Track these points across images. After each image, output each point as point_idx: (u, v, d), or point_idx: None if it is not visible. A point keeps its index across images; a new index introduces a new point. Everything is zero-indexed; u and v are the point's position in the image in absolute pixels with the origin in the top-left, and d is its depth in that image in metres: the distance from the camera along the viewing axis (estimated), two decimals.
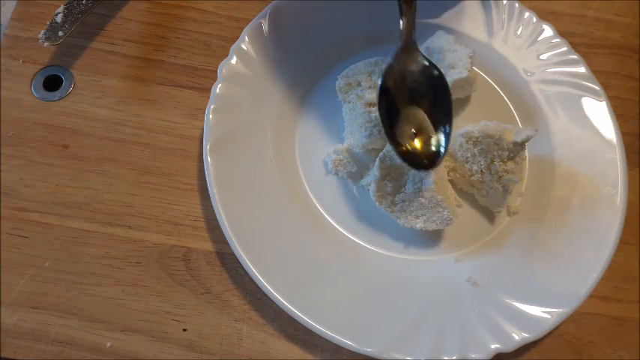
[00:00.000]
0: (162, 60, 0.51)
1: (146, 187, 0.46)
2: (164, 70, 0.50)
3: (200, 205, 0.46)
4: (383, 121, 0.40)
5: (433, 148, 0.40)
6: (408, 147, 0.39)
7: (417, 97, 0.41)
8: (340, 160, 0.46)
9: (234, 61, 0.47)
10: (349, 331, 0.40)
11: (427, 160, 0.40)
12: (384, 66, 0.42)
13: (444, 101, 0.40)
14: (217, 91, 0.46)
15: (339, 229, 0.45)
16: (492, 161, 0.43)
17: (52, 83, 0.49)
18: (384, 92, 0.40)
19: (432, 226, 0.43)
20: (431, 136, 0.40)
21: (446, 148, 0.40)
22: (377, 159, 0.43)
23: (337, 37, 0.51)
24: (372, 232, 0.45)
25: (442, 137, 0.40)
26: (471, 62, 0.46)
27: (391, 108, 0.40)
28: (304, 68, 0.49)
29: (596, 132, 0.48)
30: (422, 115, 0.41)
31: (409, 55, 0.42)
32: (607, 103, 0.49)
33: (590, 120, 0.49)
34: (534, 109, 0.50)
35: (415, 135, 0.40)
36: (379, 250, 0.45)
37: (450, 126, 0.40)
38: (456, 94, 0.49)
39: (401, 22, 0.42)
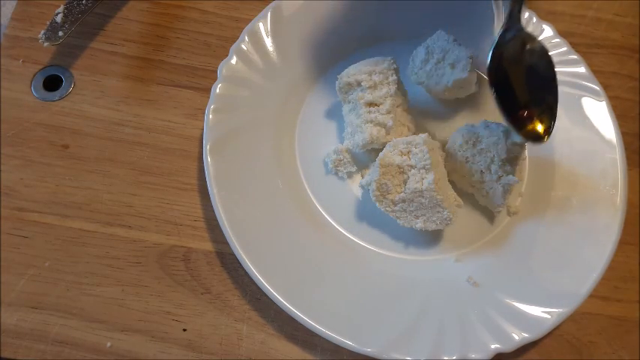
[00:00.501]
0: (162, 60, 0.51)
1: (146, 187, 0.46)
2: (164, 70, 0.50)
3: (200, 205, 0.46)
4: (496, 98, 0.40)
5: (545, 121, 0.41)
6: (527, 125, 0.41)
7: (524, 73, 0.42)
8: (340, 160, 0.46)
9: (234, 61, 0.47)
10: (349, 331, 0.40)
11: (543, 132, 0.41)
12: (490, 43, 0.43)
13: (549, 74, 0.42)
14: (217, 91, 0.46)
15: (339, 229, 0.45)
16: (492, 161, 0.43)
17: (52, 83, 0.49)
18: (493, 71, 0.41)
19: (431, 226, 0.43)
20: (540, 109, 0.41)
21: (554, 118, 0.41)
22: (377, 159, 0.43)
23: (337, 37, 0.51)
24: (372, 232, 0.45)
25: (551, 109, 0.41)
26: (471, 62, 0.46)
27: (502, 84, 0.41)
28: (304, 68, 0.49)
29: (596, 132, 0.48)
30: (529, 88, 0.42)
31: (514, 29, 0.43)
32: (607, 103, 0.49)
33: (590, 120, 0.49)
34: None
35: (526, 108, 0.41)
36: (379, 250, 0.45)
37: (556, 95, 0.42)
38: (456, 94, 0.49)
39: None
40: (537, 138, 0.41)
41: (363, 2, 0.51)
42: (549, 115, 0.41)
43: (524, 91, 0.42)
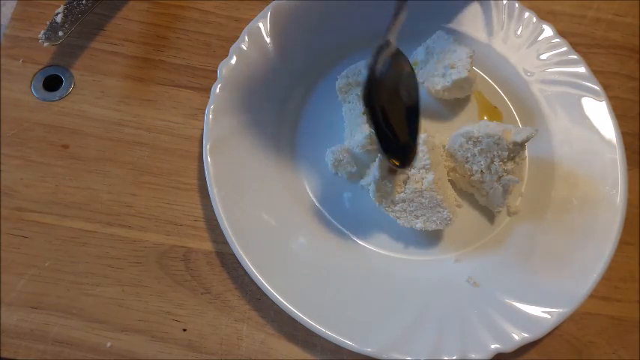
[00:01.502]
0: (162, 60, 0.51)
1: (146, 187, 0.46)
2: (164, 70, 0.50)
3: (200, 205, 0.46)
4: (369, 120, 0.40)
5: (409, 152, 0.41)
6: (396, 154, 0.40)
7: (395, 99, 0.41)
8: (340, 160, 0.46)
9: (234, 61, 0.47)
10: (349, 331, 0.40)
11: (406, 162, 0.41)
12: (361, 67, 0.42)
13: (414, 104, 0.41)
14: (217, 91, 0.46)
15: (340, 229, 0.45)
16: (492, 161, 0.43)
17: (52, 83, 0.49)
18: (368, 97, 0.39)
19: (431, 226, 0.43)
20: (406, 139, 0.41)
21: (415, 150, 0.41)
22: (377, 159, 0.43)
23: (337, 37, 0.51)
24: (372, 233, 0.45)
25: (414, 139, 0.41)
26: (471, 62, 0.46)
27: (377, 112, 0.40)
28: (304, 68, 0.49)
29: (596, 132, 0.48)
30: (398, 116, 0.41)
31: (395, 56, 0.42)
32: (607, 103, 0.49)
33: (590, 120, 0.49)
34: (534, 109, 0.50)
35: (396, 137, 0.40)
36: (379, 250, 0.45)
37: (418, 126, 0.41)
38: (456, 94, 0.49)
39: (393, 19, 0.42)
40: (402, 166, 0.41)
41: (363, 2, 0.51)
42: (412, 145, 0.41)
43: (395, 118, 0.40)
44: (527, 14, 0.52)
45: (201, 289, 0.43)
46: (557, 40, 0.51)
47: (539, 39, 0.51)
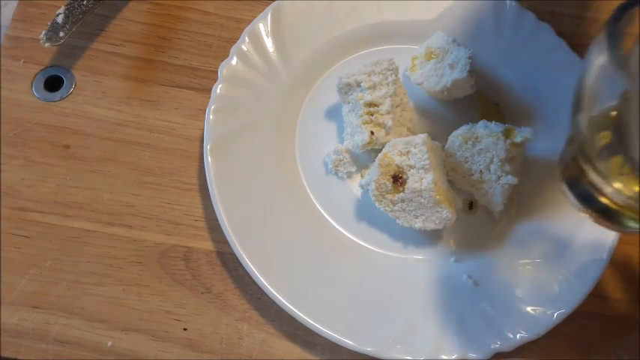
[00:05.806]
0: (163, 61, 0.51)
1: (147, 187, 0.46)
2: (165, 71, 0.50)
3: (201, 205, 0.46)
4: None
5: None
6: None
7: None
8: (340, 160, 0.47)
9: (234, 61, 0.47)
10: (349, 330, 0.40)
11: None
12: None
13: None
14: (218, 91, 0.46)
15: (339, 229, 0.45)
16: (492, 161, 0.43)
17: (53, 84, 0.49)
18: None
19: (431, 226, 0.43)
20: None
21: None
22: (377, 159, 0.43)
23: (337, 37, 0.51)
24: (371, 232, 0.45)
25: None
26: (470, 63, 0.46)
27: None
28: (304, 68, 0.50)
29: None
30: None
31: None
32: None
33: None
34: (534, 110, 0.50)
35: None
36: (379, 250, 0.45)
37: None
38: (455, 95, 0.49)
39: None
40: None
41: (363, 2, 0.51)
42: None
43: None
44: (527, 14, 0.52)
45: (201, 289, 0.43)
46: (557, 40, 0.51)
47: (539, 39, 0.51)
